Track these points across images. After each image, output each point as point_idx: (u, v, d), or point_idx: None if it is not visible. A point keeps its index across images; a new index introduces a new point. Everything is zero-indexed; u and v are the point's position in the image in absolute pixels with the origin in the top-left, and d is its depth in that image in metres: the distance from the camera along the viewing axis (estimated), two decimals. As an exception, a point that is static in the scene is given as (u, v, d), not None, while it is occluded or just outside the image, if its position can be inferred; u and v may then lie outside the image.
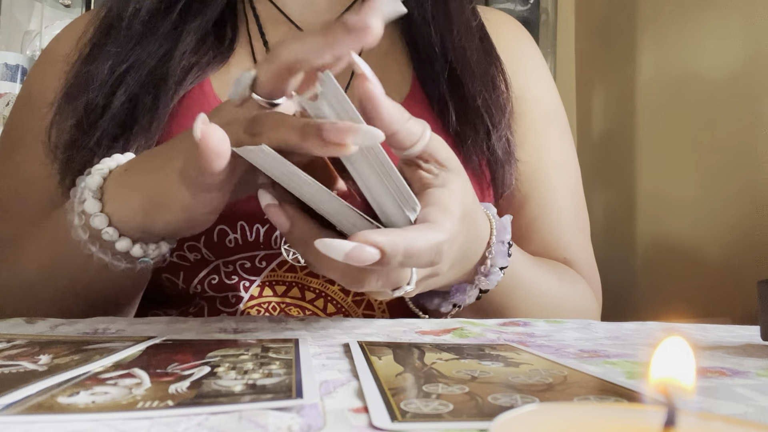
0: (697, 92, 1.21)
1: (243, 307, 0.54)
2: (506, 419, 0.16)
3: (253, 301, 0.54)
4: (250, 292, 0.54)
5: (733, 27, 1.13)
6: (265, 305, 0.54)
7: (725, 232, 1.09)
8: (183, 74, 0.56)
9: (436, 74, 0.58)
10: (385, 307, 0.56)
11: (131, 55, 0.55)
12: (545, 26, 1.73)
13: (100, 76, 0.54)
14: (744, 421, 0.16)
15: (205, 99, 0.57)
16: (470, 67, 0.58)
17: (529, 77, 0.65)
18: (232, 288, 0.54)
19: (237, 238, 0.53)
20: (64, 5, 1.69)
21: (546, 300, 0.54)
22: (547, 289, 0.55)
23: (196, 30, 0.58)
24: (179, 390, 0.24)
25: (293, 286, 0.55)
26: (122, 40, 0.56)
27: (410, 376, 0.27)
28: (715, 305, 1.07)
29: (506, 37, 0.66)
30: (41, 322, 0.42)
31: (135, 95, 0.54)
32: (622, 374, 0.30)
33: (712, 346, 0.39)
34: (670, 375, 0.17)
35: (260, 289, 0.54)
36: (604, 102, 1.56)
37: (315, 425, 0.21)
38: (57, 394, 0.23)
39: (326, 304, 0.55)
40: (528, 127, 0.62)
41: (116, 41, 0.56)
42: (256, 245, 0.53)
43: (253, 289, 0.54)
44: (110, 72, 0.55)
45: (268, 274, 0.54)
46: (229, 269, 0.54)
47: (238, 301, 0.54)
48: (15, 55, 1.53)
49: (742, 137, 1.08)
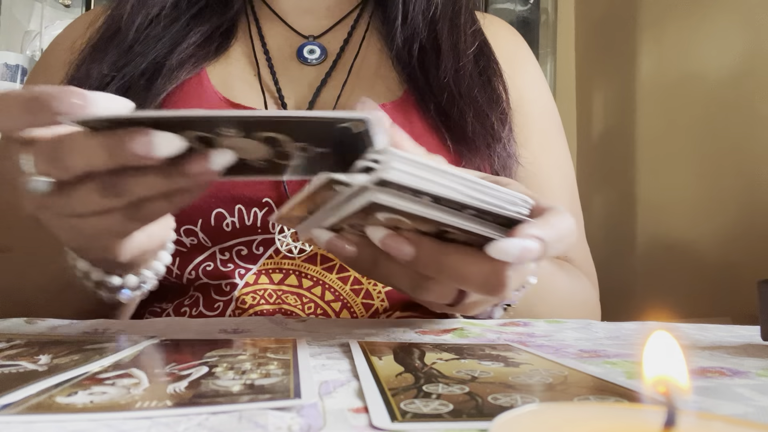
0: (697, 92, 1.21)
1: (238, 294, 0.54)
2: (506, 419, 0.16)
3: (248, 288, 0.54)
4: (246, 279, 0.54)
5: (733, 27, 1.13)
6: (261, 292, 0.54)
7: (725, 232, 1.09)
8: (180, 63, 0.57)
9: (429, 105, 0.58)
10: (384, 296, 0.56)
11: (134, 55, 0.56)
12: (545, 26, 1.73)
13: (101, 72, 0.55)
14: (744, 421, 0.16)
15: (203, 90, 0.57)
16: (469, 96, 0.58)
17: (526, 80, 0.66)
18: (227, 275, 0.54)
19: (234, 222, 0.53)
20: (64, 5, 1.69)
21: (559, 296, 0.56)
22: (561, 286, 0.57)
23: (203, 32, 0.59)
24: (177, 390, 0.24)
25: (290, 273, 0.55)
26: (127, 45, 0.57)
27: (410, 376, 0.27)
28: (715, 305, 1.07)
29: (503, 41, 0.67)
30: (41, 323, 0.42)
31: (131, 78, 0.55)
32: (622, 374, 0.30)
33: (712, 346, 0.39)
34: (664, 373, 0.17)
35: (256, 276, 0.54)
36: (604, 102, 1.56)
37: (315, 425, 0.21)
38: (55, 394, 0.23)
39: (324, 292, 0.55)
40: (529, 131, 0.63)
41: (121, 45, 0.57)
42: (254, 229, 0.53)
43: (249, 276, 0.54)
44: (112, 67, 0.56)
45: (265, 262, 0.54)
46: (226, 256, 0.54)
47: (233, 288, 0.54)
48: (15, 55, 1.53)
49: (742, 137, 1.08)
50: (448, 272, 0.33)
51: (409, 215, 0.31)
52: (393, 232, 0.33)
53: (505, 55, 0.64)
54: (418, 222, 0.32)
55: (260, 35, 0.63)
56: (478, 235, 0.32)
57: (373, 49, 0.63)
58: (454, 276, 0.33)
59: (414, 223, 0.32)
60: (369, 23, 0.65)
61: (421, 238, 0.33)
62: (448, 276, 0.33)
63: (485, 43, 0.63)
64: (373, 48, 0.63)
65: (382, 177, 0.29)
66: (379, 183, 0.29)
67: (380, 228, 0.33)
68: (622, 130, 1.44)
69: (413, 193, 0.30)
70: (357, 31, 0.64)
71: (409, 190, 0.30)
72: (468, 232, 0.32)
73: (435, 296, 0.35)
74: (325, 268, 0.55)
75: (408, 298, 0.56)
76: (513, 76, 0.63)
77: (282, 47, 0.63)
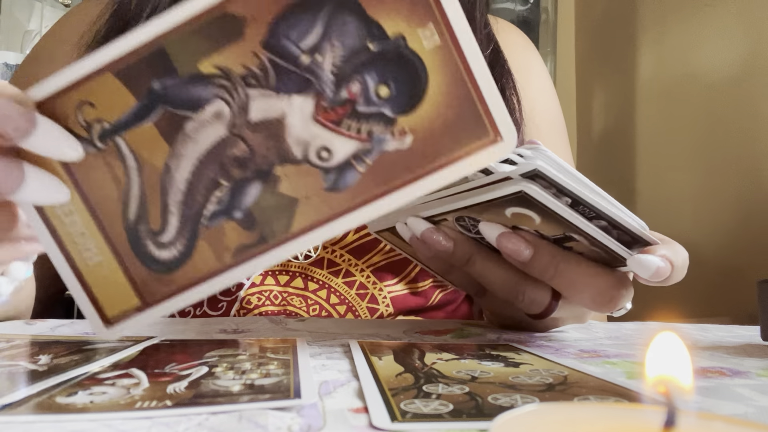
0: (697, 92, 1.21)
1: (243, 294, 0.54)
2: (506, 419, 0.16)
3: (254, 289, 0.54)
4: (252, 279, 0.54)
5: (733, 27, 1.13)
6: (267, 293, 0.54)
7: (725, 232, 1.09)
8: None
9: None
10: (389, 300, 0.56)
11: None
12: (545, 26, 1.73)
13: None
14: (744, 421, 0.16)
15: None
16: None
17: (537, 89, 0.66)
18: None
19: None
20: (64, 5, 1.69)
21: None
22: None
23: None
24: (177, 390, 0.24)
25: (297, 276, 0.55)
26: None
27: (410, 376, 0.27)
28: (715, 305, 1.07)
29: (515, 48, 0.66)
30: (41, 323, 0.42)
31: None
32: (622, 374, 0.30)
33: (712, 346, 0.39)
34: (667, 373, 0.17)
35: (262, 277, 0.54)
36: (604, 102, 1.56)
37: (315, 425, 0.21)
38: (55, 394, 0.23)
39: (329, 295, 0.55)
40: (540, 139, 0.63)
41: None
42: None
43: (255, 276, 0.54)
44: None
45: None
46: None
47: (239, 288, 0.54)
48: (15, 54, 1.53)
49: (741, 137, 1.08)
50: (564, 279, 0.33)
51: (546, 214, 0.30)
52: (511, 231, 0.32)
53: (517, 65, 0.63)
54: (547, 224, 0.31)
55: None
56: (602, 247, 0.32)
57: None
58: (568, 283, 0.33)
59: (542, 224, 0.31)
60: None
61: (540, 241, 0.33)
62: (562, 283, 0.33)
63: (499, 50, 0.63)
64: None
65: (539, 169, 0.28)
66: (530, 175, 0.28)
67: (497, 225, 0.32)
68: (622, 130, 1.43)
69: (557, 192, 0.30)
70: None
71: (555, 188, 0.29)
72: (595, 243, 0.32)
73: (527, 304, 0.35)
74: (332, 272, 0.55)
75: (413, 304, 0.56)
76: (525, 86, 0.63)
77: None
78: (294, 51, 0.24)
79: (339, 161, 0.25)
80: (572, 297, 0.34)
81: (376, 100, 0.25)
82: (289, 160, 0.25)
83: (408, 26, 0.24)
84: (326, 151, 0.25)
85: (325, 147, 0.25)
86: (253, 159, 0.25)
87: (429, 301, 0.58)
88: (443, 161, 0.25)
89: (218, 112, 0.25)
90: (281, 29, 0.24)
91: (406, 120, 0.25)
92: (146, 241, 0.26)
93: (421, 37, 0.24)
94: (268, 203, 0.26)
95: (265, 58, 0.24)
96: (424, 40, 0.24)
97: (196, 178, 0.26)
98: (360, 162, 0.25)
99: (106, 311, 0.27)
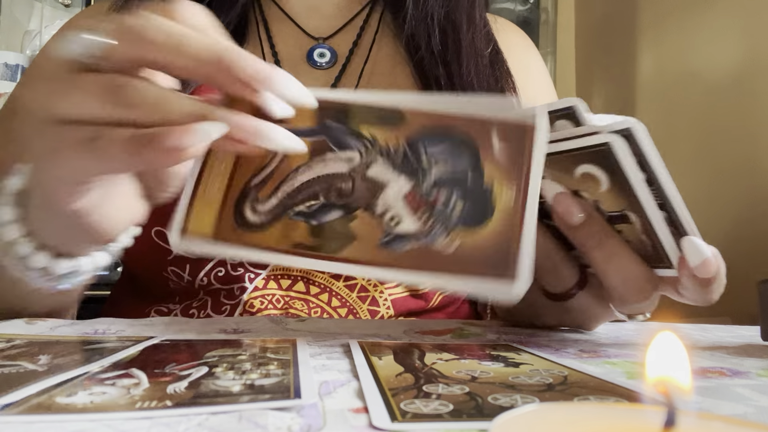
0: (697, 92, 1.21)
1: (246, 298, 0.54)
2: (506, 419, 0.16)
3: (257, 293, 0.54)
4: (255, 283, 0.54)
5: (733, 27, 1.13)
6: (269, 297, 0.54)
7: (725, 232, 1.09)
8: None
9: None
10: (390, 303, 0.56)
11: None
12: (545, 26, 1.73)
13: None
14: (744, 421, 0.16)
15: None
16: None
17: (536, 88, 0.66)
18: (238, 279, 0.54)
19: None
20: (64, 5, 1.69)
21: None
22: None
23: None
24: (177, 390, 0.24)
25: (298, 280, 0.55)
26: None
27: (410, 376, 0.27)
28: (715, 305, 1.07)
29: (516, 48, 0.66)
30: (41, 323, 0.42)
31: None
32: (622, 374, 0.30)
33: (712, 346, 0.39)
34: (668, 374, 0.17)
35: (265, 281, 0.54)
36: (604, 102, 1.56)
37: (315, 425, 0.21)
38: (55, 394, 0.23)
39: (331, 299, 0.55)
40: None
41: None
42: None
43: (258, 281, 0.54)
44: None
45: (274, 267, 0.54)
46: (236, 261, 0.54)
47: (242, 292, 0.54)
48: (15, 54, 1.53)
49: (741, 137, 1.08)
50: (604, 252, 0.34)
51: (616, 181, 0.33)
52: (570, 192, 0.35)
53: (517, 65, 0.63)
54: (611, 193, 0.34)
55: (269, 38, 0.62)
56: (653, 238, 0.34)
57: (384, 50, 0.63)
58: (606, 257, 0.34)
59: (607, 192, 0.34)
60: (379, 23, 0.64)
61: (594, 212, 0.35)
62: (600, 255, 0.34)
63: (498, 50, 0.62)
64: (384, 50, 0.63)
65: (632, 129, 0.31)
66: (625, 134, 0.31)
67: (558, 185, 0.35)
68: (622, 130, 1.43)
69: (639, 163, 0.32)
70: (367, 32, 0.64)
71: (639, 158, 0.32)
72: (647, 230, 0.34)
73: (552, 278, 0.37)
74: (333, 276, 0.55)
75: (414, 306, 0.56)
76: (525, 85, 0.62)
77: (292, 51, 0.62)
78: (422, 152, 0.32)
79: (400, 231, 0.32)
80: (606, 273, 0.35)
81: (450, 209, 0.31)
82: (370, 210, 0.33)
83: (500, 177, 0.31)
84: (397, 220, 0.32)
85: (399, 217, 0.32)
86: (350, 196, 0.33)
87: (430, 303, 0.58)
88: (459, 269, 0.30)
89: (351, 158, 0.33)
90: (423, 136, 0.33)
91: (461, 233, 0.31)
92: (248, 202, 0.34)
93: (504, 188, 0.31)
94: (337, 227, 0.33)
95: (402, 145, 0.33)
96: (504, 192, 0.31)
97: (307, 186, 0.33)
98: (413, 240, 0.31)
99: (189, 223, 0.34)
